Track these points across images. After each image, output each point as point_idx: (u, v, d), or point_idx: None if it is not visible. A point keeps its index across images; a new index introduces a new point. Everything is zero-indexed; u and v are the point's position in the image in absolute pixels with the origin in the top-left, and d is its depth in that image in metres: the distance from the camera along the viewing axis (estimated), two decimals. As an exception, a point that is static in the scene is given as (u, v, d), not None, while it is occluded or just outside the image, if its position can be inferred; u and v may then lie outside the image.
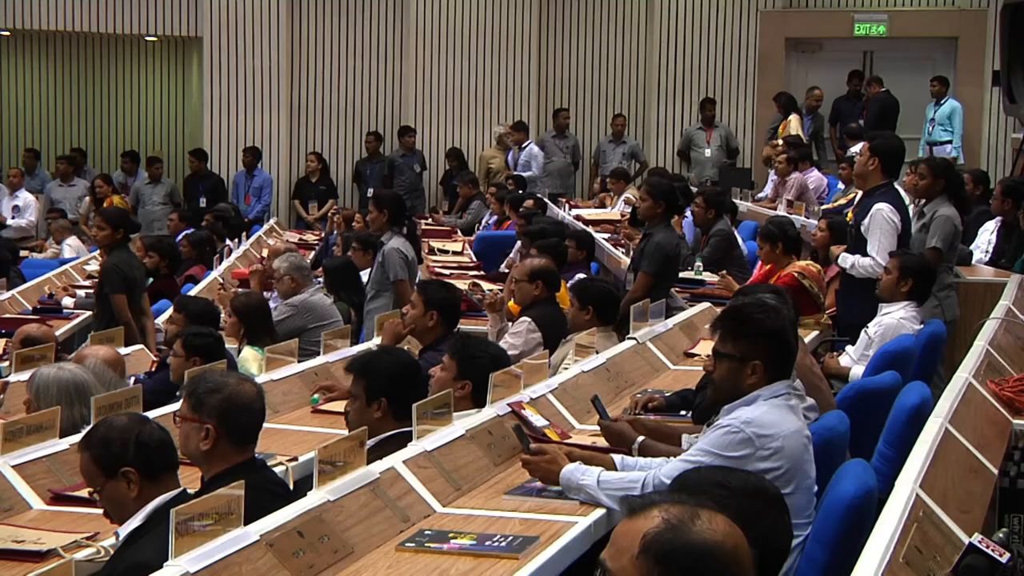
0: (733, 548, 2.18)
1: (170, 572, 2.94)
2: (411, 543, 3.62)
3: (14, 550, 3.86)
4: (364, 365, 4.64)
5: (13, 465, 4.47)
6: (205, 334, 6.20)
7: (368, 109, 16.53)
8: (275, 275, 8.20)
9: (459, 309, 6.56)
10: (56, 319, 9.33)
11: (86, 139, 18.23)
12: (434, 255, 11.68)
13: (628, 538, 2.18)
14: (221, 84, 15.94)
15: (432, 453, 4.18)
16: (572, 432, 5.00)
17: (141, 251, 9.98)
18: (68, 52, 18.34)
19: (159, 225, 14.83)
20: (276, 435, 5.15)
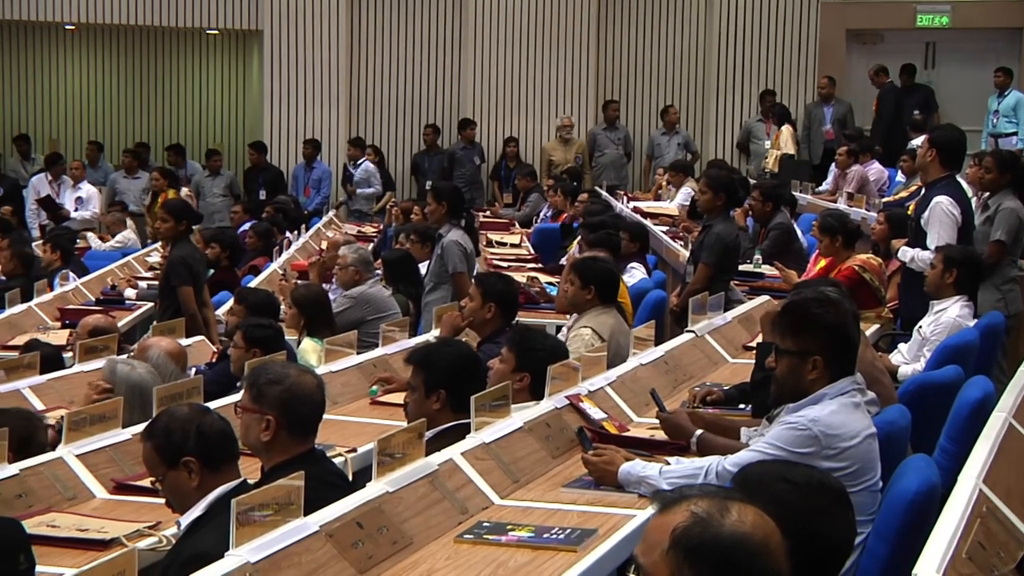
0: (763, 539, 2.16)
1: (231, 562, 2.96)
2: (469, 535, 3.62)
3: (78, 538, 3.91)
4: (423, 357, 4.65)
5: (77, 454, 4.53)
6: (265, 325, 6.24)
7: (426, 102, 16.57)
8: (340, 263, 8.23)
9: (517, 301, 6.56)
10: (118, 310, 9.43)
11: (147, 132, 18.40)
12: (492, 247, 11.69)
13: (658, 533, 2.18)
14: (281, 77, 16.04)
15: (490, 445, 4.18)
16: (630, 425, 4.99)
17: (201, 243, 10.06)
18: (131, 46, 18.52)
19: (219, 217, 14.94)
20: (335, 426, 5.18)
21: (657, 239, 10.50)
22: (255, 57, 17.31)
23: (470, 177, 15.97)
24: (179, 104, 18.75)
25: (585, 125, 16.38)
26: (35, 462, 4.39)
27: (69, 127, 18.56)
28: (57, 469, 4.42)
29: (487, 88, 16.38)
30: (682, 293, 7.88)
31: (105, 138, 17.98)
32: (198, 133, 18.46)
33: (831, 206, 10.77)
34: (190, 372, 6.32)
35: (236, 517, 3.02)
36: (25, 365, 6.29)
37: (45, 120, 18.56)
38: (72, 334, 7.88)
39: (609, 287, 6.32)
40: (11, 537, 2.89)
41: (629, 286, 7.90)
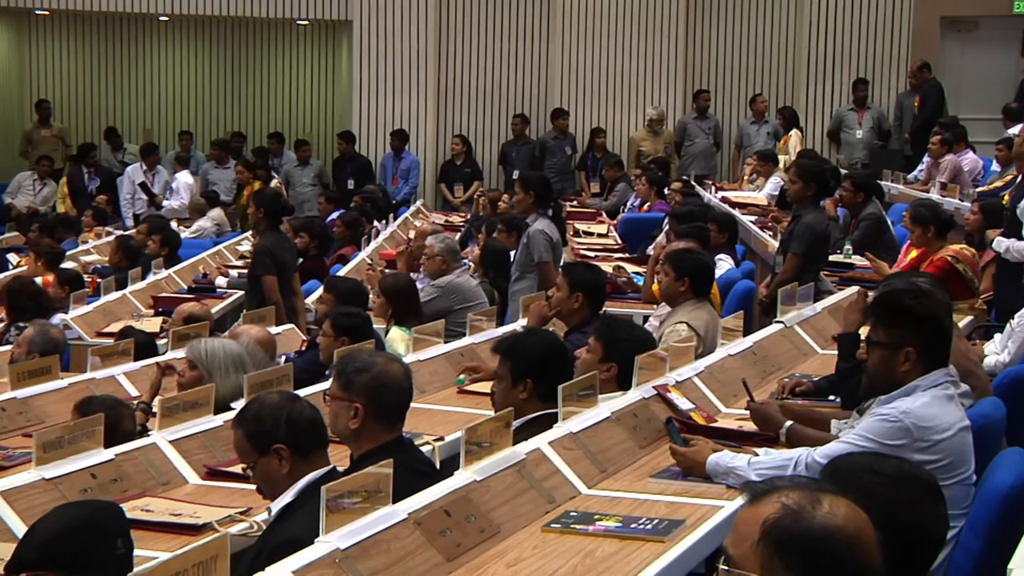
0: (855, 532, 2.14)
1: (321, 548, 2.99)
2: (556, 524, 3.63)
3: (171, 523, 3.97)
4: (511, 346, 4.65)
5: (170, 440, 4.60)
6: (354, 314, 6.28)
7: (514, 91, 16.57)
8: (427, 252, 8.27)
9: (604, 291, 6.54)
10: (210, 298, 9.56)
11: (238, 122, 18.60)
12: (579, 237, 11.68)
13: (748, 524, 2.17)
14: (370, 67, 16.12)
15: (577, 435, 4.18)
16: (718, 416, 4.96)
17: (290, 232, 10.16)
18: (223, 36, 18.74)
19: (309, 207, 15.07)
20: (422, 415, 5.20)
21: (745, 229, 10.42)
22: (344, 47, 17.43)
23: (561, 167, 15.97)
24: (269, 94, 18.93)
25: (673, 114, 16.29)
26: (130, 447, 4.47)
27: (162, 118, 18.82)
28: (151, 455, 4.50)
29: (575, 78, 16.34)
30: (771, 283, 7.81)
31: (196, 128, 18.20)
32: (288, 123, 18.62)
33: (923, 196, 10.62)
34: (279, 360, 6.39)
35: (326, 504, 3.05)
36: (120, 352, 6.40)
37: (138, 111, 18.83)
38: (166, 321, 8.01)
39: (703, 280, 6.29)
40: (111, 521, 2.94)
41: (717, 277, 7.85)
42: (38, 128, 17.12)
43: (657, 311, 7.01)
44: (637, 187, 13.41)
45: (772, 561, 2.12)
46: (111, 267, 10.64)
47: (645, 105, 16.24)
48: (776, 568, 2.12)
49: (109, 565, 2.86)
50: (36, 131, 17.12)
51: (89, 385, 5.84)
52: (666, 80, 16.37)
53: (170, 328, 7.09)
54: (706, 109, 16.24)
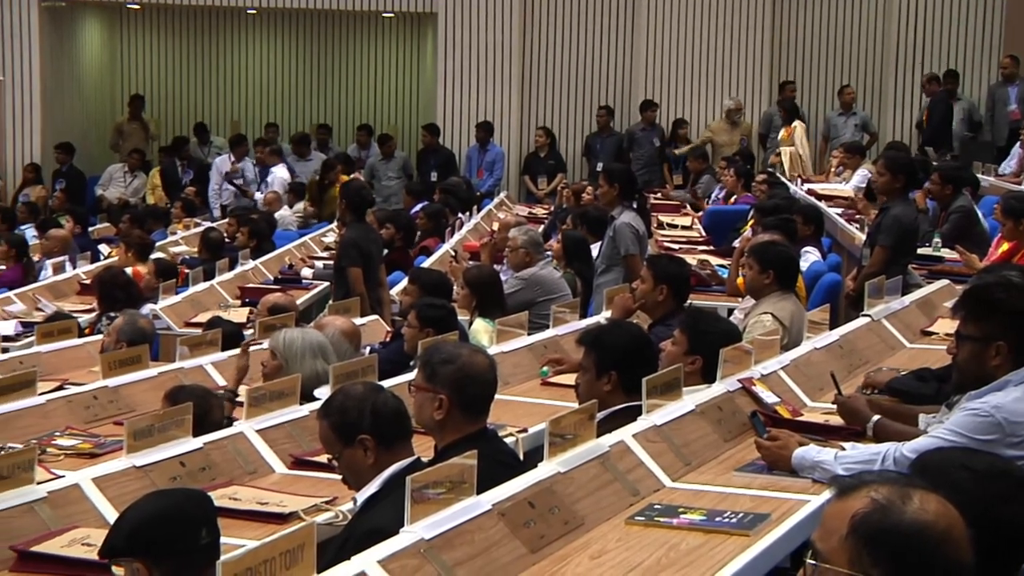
0: (946, 528, 2.11)
1: (406, 538, 3.01)
2: (640, 517, 3.62)
3: (258, 511, 4.01)
4: (595, 338, 4.64)
5: (257, 430, 4.65)
6: (438, 306, 6.31)
7: (598, 83, 16.53)
8: (511, 244, 8.28)
9: (689, 284, 6.51)
10: (296, 289, 9.65)
11: (324, 114, 18.75)
12: (663, 229, 11.63)
13: (837, 519, 2.15)
14: (454, 59, 16.17)
15: (662, 427, 4.16)
16: (804, 409, 4.92)
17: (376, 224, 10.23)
18: (309, 29, 18.89)
19: (396, 200, 15.15)
20: (506, 406, 5.21)
21: (832, 222, 10.32)
22: (429, 39, 17.49)
23: (648, 159, 15.92)
24: (354, 86, 19.06)
25: (759, 106, 16.15)
26: (218, 436, 4.52)
27: (249, 110, 19.02)
28: (239, 444, 4.55)
29: (660, 69, 16.27)
30: (858, 276, 7.73)
31: (282, 120, 18.37)
32: (373, 115, 18.73)
33: (1015, 188, 10.44)
34: (364, 351, 6.43)
35: (411, 494, 3.06)
36: (207, 342, 6.49)
37: (226, 103, 19.04)
38: (252, 312, 8.09)
39: (788, 272, 6.24)
40: (197, 510, 2.97)
41: (803, 270, 7.79)
42: (129, 121, 17.38)
43: (742, 304, 6.97)
44: (724, 179, 13.32)
45: (860, 556, 2.10)
46: (199, 258, 10.78)
47: (729, 96, 16.12)
48: (864, 563, 2.10)
49: (194, 554, 2.89)
50: (127, 124, 17.37)
51: (178, 374, 5.92)
52: (751, 71, 16.25)
53: (256, 318, 7.16)
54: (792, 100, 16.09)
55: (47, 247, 11.17)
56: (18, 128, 16.02)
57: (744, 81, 16.24)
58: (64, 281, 10.13)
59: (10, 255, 10.61)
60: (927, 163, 10.85)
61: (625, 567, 3.28)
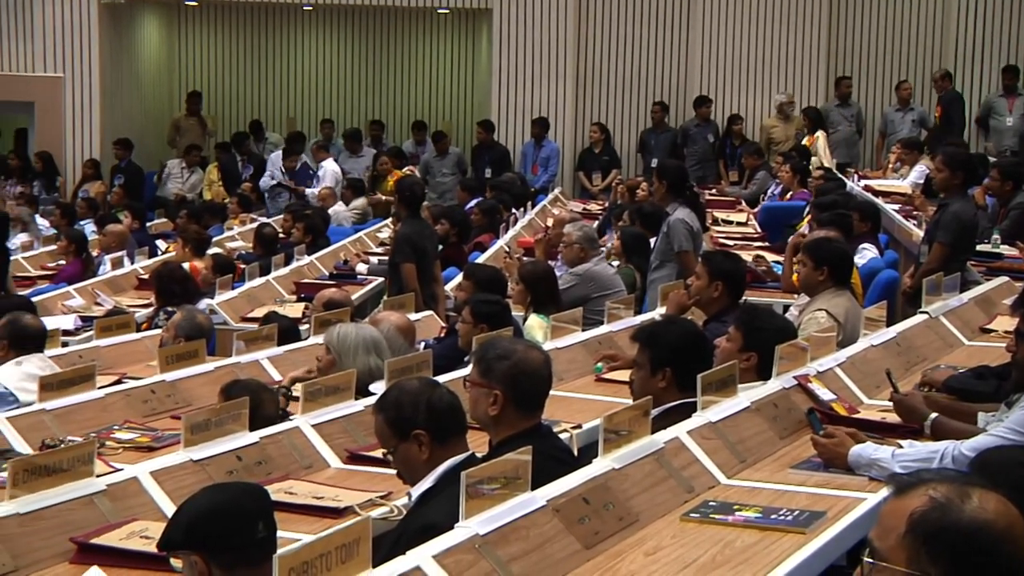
0: (1006, 527, 2.09)
1: (461, 533, 3.01)
2: (695, 513, 3.61)
3: (314, 506, 4.04)
4: (650, 335, 4.63)
5: (313, 424, 4.67)
6: (493, 301, 6.32)
7: (653, 79, 16.47)
8: (566, 240, 8.28)
9: (744, 280, 6.48)
10: (350, 284, 9.69)
11: (379, 110, 18.81)
12: (718, 226, 11.59)
13: (895, 517, 2.13)
14: (509, 55, 16.17)
15: (717, 424, 4.15)
16: (860, 407, 4.89)
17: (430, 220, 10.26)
18: (364, 25, 18.96)
19: (450, 196, 15.18)
20: (561, 402, 5.21)
21: (889, 218, 10.24)
22: (484, 35, 17.51)
23: (702, 155, 15.86)
24: (409, 82, 19.10)
25: (816, 101, 16.03)
26: (274, 431, 4.55)
27: (304, 106, 19.11)
28: (294, 438, 4.58)
29: (715, 65, 16.20)
30: (916, 273, 7.67)
31: (337, 117, 18.44)
32: (427, 111, 18.77)
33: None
34: (419, 346, 6.45)
35: (466, 490, 3.07)
36: (264, 336, 6.53)
37: (282, 100, 19.15)
38: (308, 307, 8.14)
39: (842, 268, 6.19)
40: (254, 504, 2.99)
41: (860, 266, 7.73)
42: (186, 117, 17.51)
43: (797, 300, 6.93)
44: (780, 175, 13.24)
45: (919, 555, 2.08)
46: (254, 254, 10.86)
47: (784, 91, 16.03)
48: (923, 562, 2.08)
49: (251, 547, 2.91)
50: (184, 120, 17.51)
51: (234, 369, 5.97)
52: (807, 67, 16.13)
53: (312, 314, 7.21)
54: (848, 96, 15.98)
55: (105, 242, 11.29)
56: (78, 125, 16.19)
57: (800, 76, 16.13)
58: (122, 276, 10.24)
59: (70, 250, 10.73)
60: (986, 159, 10.73)
61: (680, 564, 3.27)
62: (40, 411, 5.06)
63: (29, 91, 16.06)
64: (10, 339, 6.11)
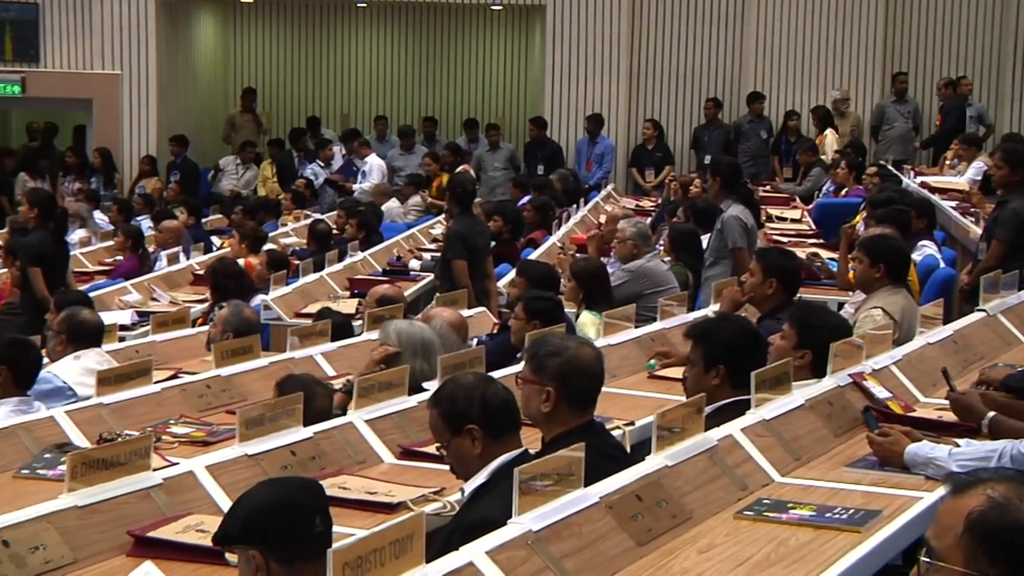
0: None
1: (514, 529, 3.02)
2: (749, 511, 3.59)
3: (367, 501, 4.05)
4: (704, 331, 4.62)
5: (366, 420, 4.69)
6: (546, 298, 6.32)
7: (707, 75, 16.41)
8: (619, 236, 8.26)
9: (799, 277, 6.44)
10: (403, 280, 9.72)
11: (432, 107, 18.85)
12: (772, 222, 11.53)
13: (952, 516, 2.12)
14: (562, 52, 16.15)
15: (771, 422, 4.13)
16: (916, 405, 4.85)
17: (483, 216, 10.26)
18: (417, 22, 19.02)
19: (501, 191, 15.20)
20: (613, 399, 5.20)
21: (946, 215, 10.14)
22: (537, 32, 17.51)
23: (755, 151, 15.79)
24: (462, 79, 19.14)
25: (871, 97, 15.92)
26: (327, 426, 4.57)
27: (358, 103, 19.19)
28: (348, 433, 4.60)
29: (769, 61, 16.11)
30: (973, 271, 7.59)
31: (391, 113, 18.50)
32: (480, 108, 18.80)
33: None
34: (471, 342, 6.46)
35: (519, 486, 3.07)
36: (317, 332, 6.56)
37: (336, 96, 19.24)
38: (361, 303, 8.17)
39: (899, 266, 6.15)
40: (310, 500, 3.00)
41: (917, 263, 7.67)
42: (241, 114, 17.63)
43: (852, 298, 6.89)
44: (835, 171, 13.15)
45: (976, 555, 2.07)
46: (308, 250, 10.92)
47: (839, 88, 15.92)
48: (981, 562, 2.07)
49: (308, 542, 2.93)
50: (239, 116, 17.63)
51: (288, 364, 6.00)
52: (863, 62, 16.02)
53: (365, 310, 7.23)
54: (904, 92, 15.84)
55: (161, 238, 11.38)
56: (134, 121, 16.33)
57: (855, 72, 16.02)
58: (178, 272, 10.32)
59: (126, 246, 10.83)
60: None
61: (733, 562, 3.26)
62: (98, 405, 5.12)
63: (88, 88, 16.23)
64: (68, 334, 6.18)
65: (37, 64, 16.22)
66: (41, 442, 4.70)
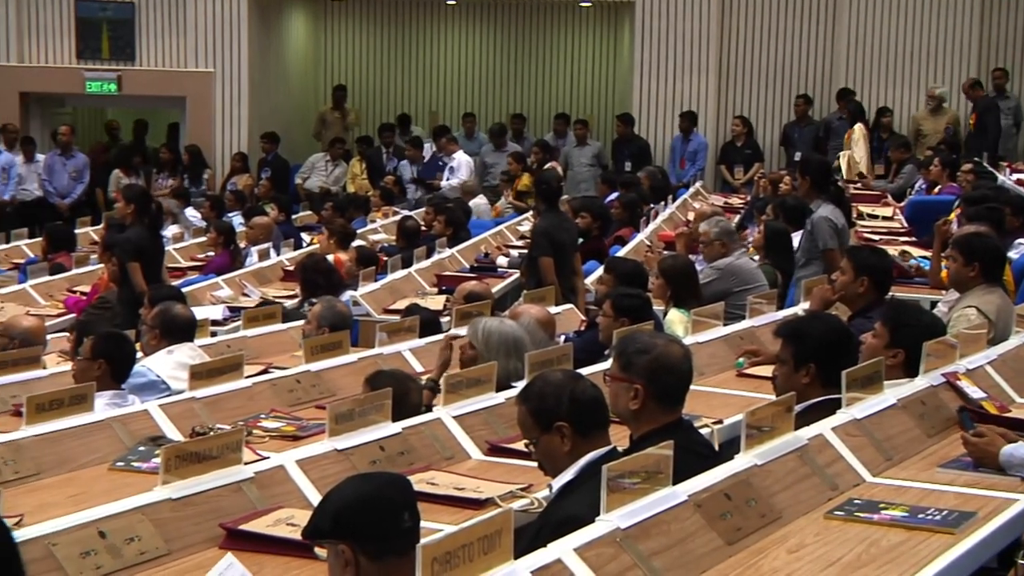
0: None
1: (602, 527, 3.01)
2: (840, 511, 3.56)
3: (455, 497, 4.07)
4: (794, 330, 4.58)
5: (454, 416, 4.71)
6: (634, 295, 6.30)
7: (797, 71, 16.24)
8: (703, 239, 8.22)
9: (891, 275, 6.37)
10: (491, 277, 9.74)
11: (520, 104, 18.86)
12: (863, 220, 11.39)
13: None
14: (651, 48, 16.08)
15: (862, 421, 4.09)
16: (1011, 406, 4.77)
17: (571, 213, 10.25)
18: (506, 19, 19.04)
19: (586, 187, 15.17)
20: (701, 397, 5.18)
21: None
22: (626, 28, 17.45)
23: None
24: (550, 76, 19.13)
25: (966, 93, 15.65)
26: (416, 422, 4.60)
27: (446, 100, 19.26)
28: (436, 429, 4.62)
29: (861, 56, 15.91)
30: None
31: (479, 110, 18.55)
32: (569, 104, 18.77)
33: None
34: (559, 339, 6.45)
35: (607, 483, 3.07)
36: (406, 328, 6.60)
37: (425, 94, 19.33)
38: (449, 299, 8.20)
39: (994, 264, 6.05)
40: (399, 495, 3.02)
41: (1012, 262, 7.53)
42: (332, 111, 17.77)
43: (946, 297, 6.79)
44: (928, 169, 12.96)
45: None
46: (397, 246, 10.98)
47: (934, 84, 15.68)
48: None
49: (396, 537, 2.93)
50: (330, 113, 17.77)
51: (377, 360, 6.04)
52: (958, 58, 15.76)
53: (452, 306, 7.25)
54: (1004, 88, 15.56)
55: (252, 234, 11.50)
56: (227, 119, 16.53)
57: (951, 68, 15.76)
58: (268, 268, 10.42)
59: (218, 242, 10.96)
60: None
61: (823, 562, 3.24)
62: (190, 399, 5.19)
63: (181, 86, 16.46)
64: (162, 328, 6.28)
65: (133, 63, 16.48)
66: (135, 435, 4.78)
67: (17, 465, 4.39)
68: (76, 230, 12.46)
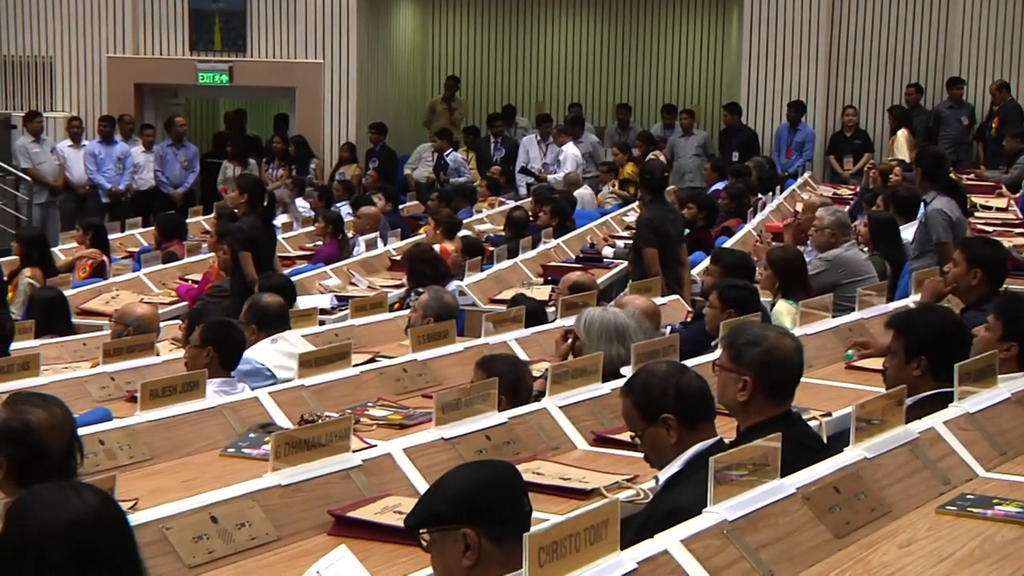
0: None
1: (709, 518, 3.00)
2: (952, 507, 3.50)
3: (561, 486, 4.08)
4: (905, 322, 4.51)
5: (560, 406, 4.71)
6: (741, 286, 6.25)
7: (909, 59, 15.98)
8: (816, 225, 8.12)
9: (1005, 267, 6.25)
10: (596, 268, 9.73)
11: (626, 93, 18.80)
12: (977, 211, 11.19)
13: None
14: (760, 37, 15.92)
15: (975, 415, 4.03)
16: None
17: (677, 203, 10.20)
18: (613, 8, 18.98)
19: (691, 177, 15.09)
20: (809, 389, 5.12)
21: None
22: (734, 18, 17.31)
23: (956, 138, 15.31)
24: (657, 66, 19.04)
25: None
26: (522, 411, 4.61)
27: (553, 90, 19.26)
28: (542, 419, 4.63)
29: (975, 44, 15.61)
30: None
31: (585, 100, 18.52)
32: (675, 94, 18.67)
33: None
34: (664, 330, 6.43)
35: (714, 475, 3.05)
36: (511, 318, 6.62)
37: (531, 84, 19.34)
38: (554, 290, 8.21)
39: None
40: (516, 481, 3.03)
41: None
42: (441, 102, 17.88)
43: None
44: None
45: None
46: (503, 236, 11.01)
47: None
48: None
49: (518, 521, 2.92)
50: (439, 104, 17.88)
51: (482, 349, 6.05)
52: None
53: (558, 296, 7.26)
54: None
55: (359, 224, 11.60)
56: (335, 109, 16.69)
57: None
58: (376, 257, 10.51)
59: (327, 232, 11.07)
60: None
61: (935, 557, 3.19)
62: (299, 387, 5.26)
63: (291, 77, 16.66)
64: (256, 322, 6.34)
65: (244, 54, 16.72)
66: (245, 422, 4.85)
67: (132, 450, 4.49)
68: (188, 219, 12.67)
